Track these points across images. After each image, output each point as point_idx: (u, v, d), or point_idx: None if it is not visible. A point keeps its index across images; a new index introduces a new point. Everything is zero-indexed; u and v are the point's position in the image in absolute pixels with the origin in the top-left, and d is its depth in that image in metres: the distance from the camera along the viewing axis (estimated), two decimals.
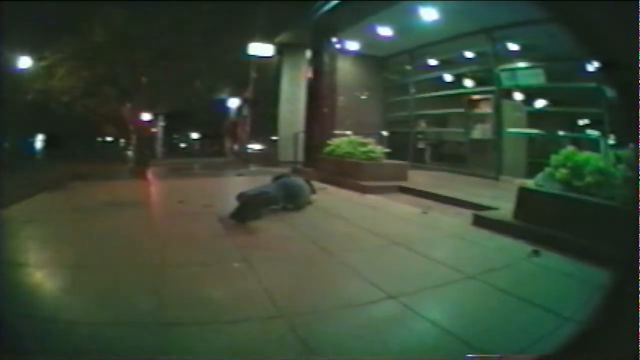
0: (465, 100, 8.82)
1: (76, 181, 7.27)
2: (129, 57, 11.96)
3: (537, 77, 7.49)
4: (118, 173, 10.34)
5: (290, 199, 4.43)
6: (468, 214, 4.24)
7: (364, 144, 7.05)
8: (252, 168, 10.73)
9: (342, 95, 9.93)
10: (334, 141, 7.74)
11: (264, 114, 14.23)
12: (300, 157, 9.86)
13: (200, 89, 15.99)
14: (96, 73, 12.40)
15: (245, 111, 17.08)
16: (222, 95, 18.22)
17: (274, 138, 12.40)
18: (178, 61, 12.92)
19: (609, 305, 1.26)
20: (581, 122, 8.99)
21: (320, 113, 9.01)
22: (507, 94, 8.15)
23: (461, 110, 8.94)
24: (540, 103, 9.19)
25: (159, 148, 19.12)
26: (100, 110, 14.07)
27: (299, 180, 4.75)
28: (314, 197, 4.89)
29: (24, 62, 11.87)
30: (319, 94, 9.08)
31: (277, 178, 4.83)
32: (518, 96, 8.50)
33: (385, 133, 8.99)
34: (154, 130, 18.16)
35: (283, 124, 11.57)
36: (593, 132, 7.16)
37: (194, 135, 33.52)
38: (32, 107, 13.16)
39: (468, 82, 9.58)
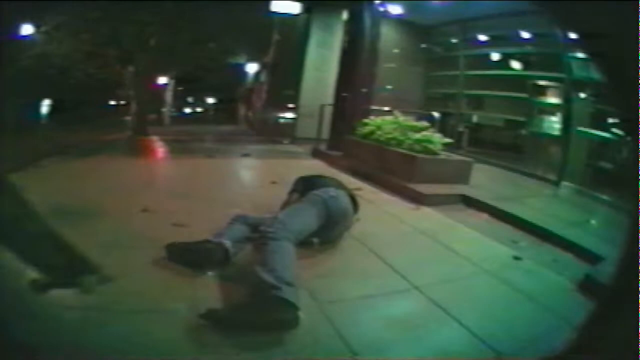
0: (530, 85, 7.41)
1: (55, 156, 6.03)
2: (136, 17, 10.31)
3: None
4: (110, 144, 9.04)
5: (324, 231, 2.61)
6: (568, 260, 3.02)
7: (415, 128, 5.19)
8: (262, 146, 9.16)
9: (379, 65, 8.26)
10: (373, 120, 6.00)
11: (283, 80, 12.26)
12: (325, 134, 8.14)
13: (215, 51, 14.06)
14: (98, 35, 10.89)
15: (263, 77, 15.15)
16: (240, 60, 16.26)
17: (291, 106, 10.79)
18: (191, 21, 11.18)
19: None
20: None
21: (356, 84, 7.31)
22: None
23: (524, 95, 7.50)
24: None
25: (168, 113, 17.44)
26: (101, 75, 12.48)
27: (345, 199, 2.79)
28: (355, 217, 2.98)
29: (26, 29, 10.54)
30: (356, 62, 7.37)
31: (303, 182, 2.98)
32: None
33: (436, 114, 6.90)
34: (160, 93, 16.38)
35: (306, 93, 9.84)
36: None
37: (210, 100, 31.81)
38: (35, 74, 11.89)
39: (516, 65, 8.18)
